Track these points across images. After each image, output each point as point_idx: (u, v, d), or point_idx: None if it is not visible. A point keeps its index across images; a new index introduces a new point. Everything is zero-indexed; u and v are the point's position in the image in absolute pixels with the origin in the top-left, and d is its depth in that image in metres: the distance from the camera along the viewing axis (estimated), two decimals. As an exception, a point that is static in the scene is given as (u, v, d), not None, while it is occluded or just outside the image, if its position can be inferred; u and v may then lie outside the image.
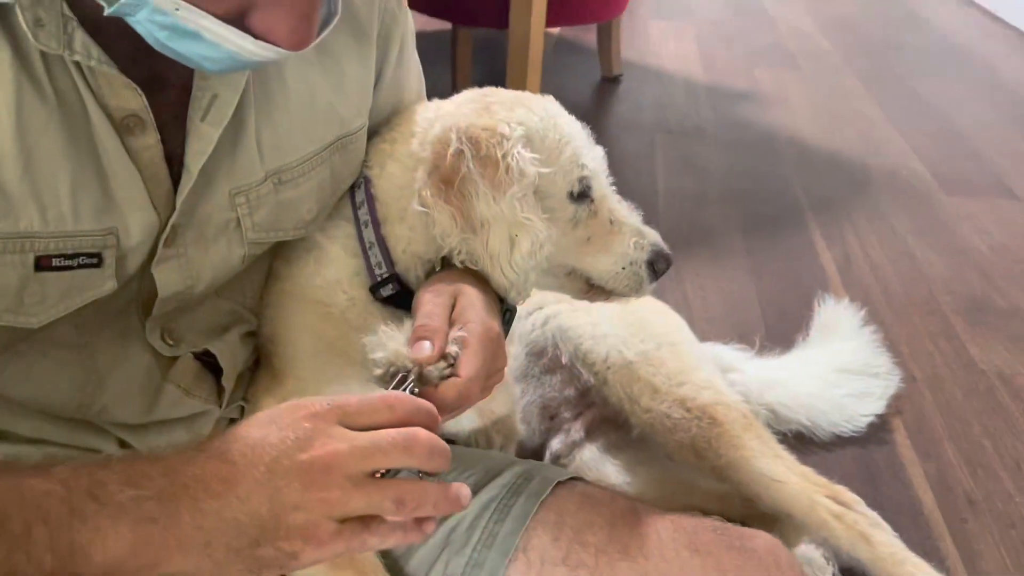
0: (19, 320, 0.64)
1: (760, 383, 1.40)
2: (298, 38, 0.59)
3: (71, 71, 0.62)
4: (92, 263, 0.66)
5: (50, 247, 0.63)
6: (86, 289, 0.66)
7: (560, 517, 0.84)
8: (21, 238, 0.61)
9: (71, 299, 0.66)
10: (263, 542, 0.54)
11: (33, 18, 0.58)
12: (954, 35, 3.97)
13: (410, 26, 0.91)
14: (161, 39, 0.57)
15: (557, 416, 1.24)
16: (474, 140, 0.79)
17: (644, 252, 0.86)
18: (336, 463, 0.54)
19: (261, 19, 0.57)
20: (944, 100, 3.10)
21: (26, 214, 0.61)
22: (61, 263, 0.64)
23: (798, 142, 2.68)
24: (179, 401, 0.78)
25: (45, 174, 0.61)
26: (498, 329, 0.76)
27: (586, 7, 2.83)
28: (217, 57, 0.58)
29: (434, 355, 0.69)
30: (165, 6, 0.54)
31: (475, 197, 0.78)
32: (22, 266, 0.62)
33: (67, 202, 0.63)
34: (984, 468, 1.39)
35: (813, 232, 2.13)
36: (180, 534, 0.53)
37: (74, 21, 0.60)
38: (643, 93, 3.04)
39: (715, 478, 1.14)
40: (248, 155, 0.73)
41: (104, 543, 0.52)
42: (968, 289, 1.91)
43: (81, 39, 0.60)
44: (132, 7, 0.55)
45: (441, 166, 0.79)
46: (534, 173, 0.80)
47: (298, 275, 0.85)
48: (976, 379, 1.61)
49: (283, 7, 0.57)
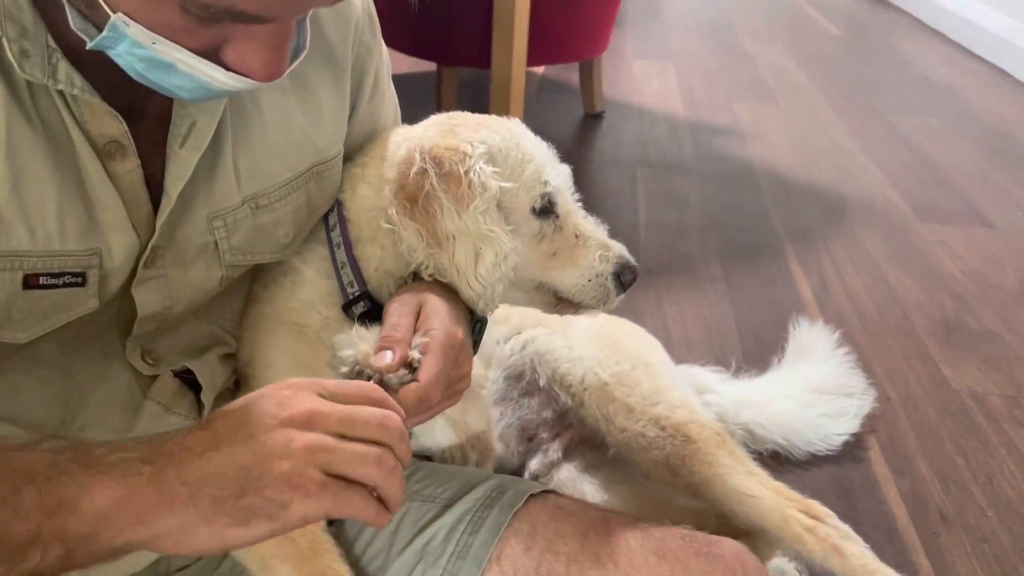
0: (7, 336, 0.67)
1: (736, 403, 1.43)
2: (269, 70, 0.61)
3: (55, 100, 0.65)
4: (76, 282, 0.68)
5: (38, 265, 0.66)
6: (70, 307, 0.69)
7: (533, 528, 0.86)
8: (11, 256, 0.64)
9: (55, 316, 0.69)
10: (248, 491, 0.55)
11: (19, 50, 0.62)
12: (930, 70, 4.06)
13: (385, 59, 0.95)
14: (139, 70, 0.60)
15: (535, 437, 1.26)
16: (437, 159, 0.82)
17: (610, 264, 0.88)
18: (317, 419, 0.57)
19: (235, 52, 0.60)
20: (920, 132, 3.17)
21: (16, 233, 0.64)
22: (47, 281, 0.67)
23: (776, 174, 2.74)
24: (159, 418, 0.81)
25: (33, 195, 0.64)
26: (461, 336, 0.79)
27: (568, 46, 2.90)
28: (191, 87, 0.61)
29: (394, 363, 0.71)
30: (143, 40, 0.57)
31: (439, 213, 0.80)
32: (11, 283, 0.65)
33: (54, 222, 0.66)
34: (957, 484, 1.42)
35: (790, 259, 2.18)
36: (164, 487, 0.54)
37: (58, 52, 0.63)
38: (625, 129, 3.10)
39: (690, 495, 1.16)
40: (226, 180, 0.76)
41: (91, 495, 0.54)
42: (942, 312, 1.95)
43: (65, 69, 0.64)
44: (112, 40, 0.58)
45: (406, 184, 0.82)
46: (496, 187, 0.83)
47: (275, 298, 0.88)
48: (949, 398, 1.64)
49: (255, 41, 0.59)
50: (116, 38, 0.57)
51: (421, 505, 0.90)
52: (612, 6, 2.94)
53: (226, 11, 0.54)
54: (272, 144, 0.80)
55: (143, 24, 0.56)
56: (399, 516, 0.89)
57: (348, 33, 0.86)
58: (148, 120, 0.71)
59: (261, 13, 0.55)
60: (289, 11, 0.58)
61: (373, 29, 0.91)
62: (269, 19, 0.57)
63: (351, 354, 0.72)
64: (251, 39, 0.59)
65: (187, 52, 0.58)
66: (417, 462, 0.97)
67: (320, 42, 0.83)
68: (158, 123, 0.71)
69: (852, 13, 5.38)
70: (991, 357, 1.78)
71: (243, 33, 0.59)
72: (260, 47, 0.60)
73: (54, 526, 0.53)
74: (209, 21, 0.56)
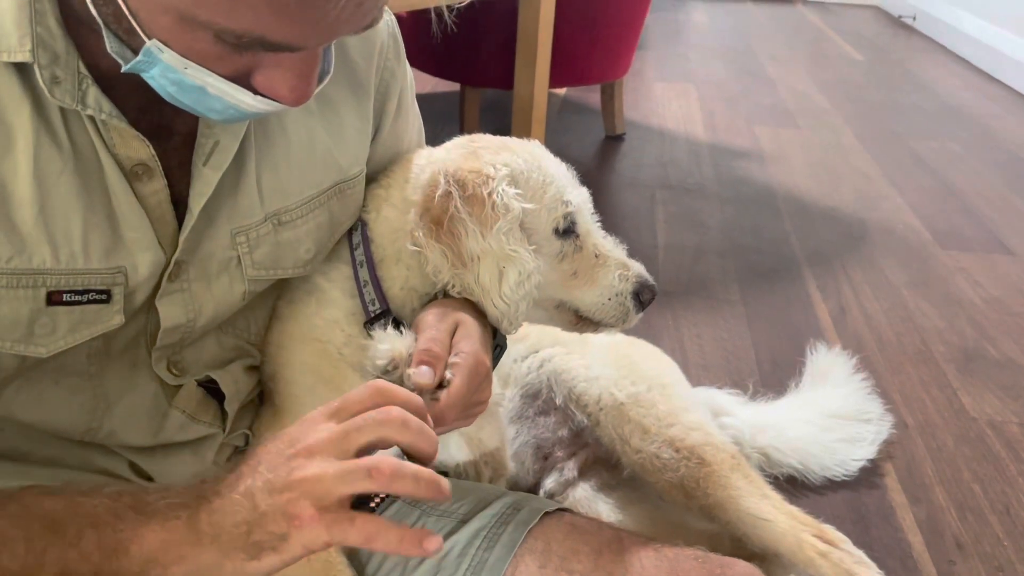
0: (28, 350, 0.69)
1: (752, 427, 1.43)
2: (297, 95, 0.63)
3: (85, 123, 0.68)
4: (101, 299, 0.71)
5: (61, 283, 0.68)
6: (95, 323, 0.71)
7: (547, 545, 0.87)
8: (34, 274, 0.67)
9: (80, 332, 0.71)
10: (255, 528, 0.59)
11: (50, 76, 0.64)
12: (953, 96, 4.06)
13: (409, 80, 0.97)
14: (171, 92, 0.62)
15: (551, 456, 1.27)
16: (461, 182, 0.84)
17: (629, 283, 0.90)
18: (318, 448, 0.59)
19: (264, 78, 0.62)
20: (941, 158, 3.17)
21: (39, 252, 0.66)
22: (71, 298, 0.69)
23: (796, 198, 2.74)
24: (184, 426, 0.83)
25: (59, 216, 0.67)
26: (488, 365, 0.80)
27: (590, 69, 2.93)
28: (220, 108, 0.63)
29: (433, 383, 0.73)
30: (175, 65, 0.59)
31: (464, 234, 0.82)
32: (34, 300, 0.67)
33: (79, 242, 0.68)
34: (973, 512, 1.41)
35: (809, 284, 2.18)
36: (197, 529, 0.60)
37: (88, 79, 0.66)
38: (645, 151, 3.12)
39: (704, 517, 1.16)
40: (249, 197, 0.78)
41: (141, 539, 0.60)
42: (961, 339, 1.94)
43: (94, 95, 0.66)
44: (147, 64, 0.60)
45: (431, 207, 0.84)
46: (519, 208, 0.84)
47: (299, 315, 0.90)
48: (967, 426, 1.63)
49: (283, 68, 0.61)
50: (150, 62, 0.59)
51: (437, 520, 0.91)
52: (634, 29, 2.97)
53: (258, 41, 0.56)
54: (295, 162, 0.82)
55: (177, 51, 0.58)
56: (416, 529, 0.90)
57: (372, 56, 0.89)
58: (175, 140, 0.73)
59: (291, 43, 0.57)
60: (318, 42, 0.60)
61: (398, 52, 0.93)
62: (299, 48, 0.59)
63: (388, 348, 0.73)
64: (280, 66, 0.61)
65: (217, 77, 0.60)
66: (433, 477, 0.98)
67: (345, 64, 0.86)
68: (184, 143, 0.74)
69: (874, 38, 5.39)
70: (1010, 385, 1.77)
71: (272, 60, 0.61)
72: (288, 74, 0.62)
73: (111, 567, 0.60)
74: (240, 49, 0.58)
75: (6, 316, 0.67)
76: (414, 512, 0.92)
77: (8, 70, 0.64)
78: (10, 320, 0.67)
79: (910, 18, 5.78)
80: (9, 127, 0.64)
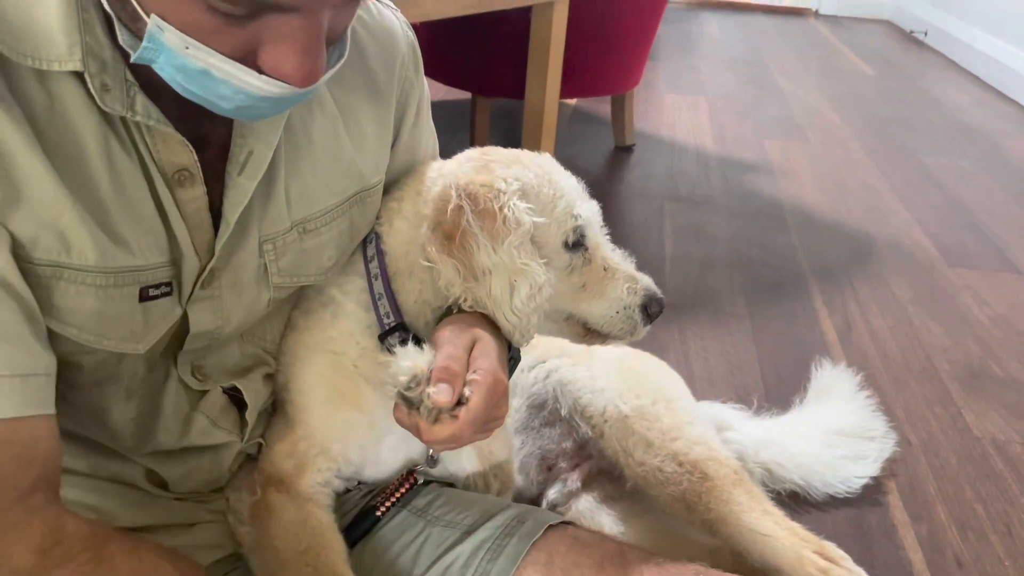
0: (128, 346, 0.72)
1: (756, 442, 1.43)
2: (303, 73, 0.62)
3: (132, 130, 0.69)
4: (168, 292, 0.74)
5: (148, 278, 0.71)
6: (168, 315, 0.74)
7: (551, 558, 0.89)
8: (134, 271, 0.70)
9: (160, 326, 0.74)
10: None
11: (100, 84, 0.65)
12: (963, 113, 4.06)
13: (426, 92, 0.98)
14: (179, 81, 0.63)
15: (555, 467, 1.28)
16: (473, 196, 0.85)
17: (637, 297, 0.91)
18: None
19: (268, 56, 0.61)
20: (950, 175, 3.17)
21: (134, 250, 0.69)
22: (154, 293, 0.72)
23: (804, 211, 2.75)
24: (207, 431, 0.85)
25: (133, 216, 0.69)
26: (506, 382, 0.81)
27: (601, 80, 2.95)
28: (229, 94, 0.63)
29: (452, 401, 0.73)
30: (176, 46, 0.59)
31: (476, 248, 0.83)
32: (132, 297, 0.70)
33: (150, 238, 0.71)
34: (975, 532, 1.42)
35: (815, 298, 2.18)
36: None
37: (135, 85, 0.67)
38: (654, 162, 3.13)
39: (706, 532, 1.17)
40: (278, 206, 0.80)
41: None
42: (966, 358, 1.95)
43: (142, 101, 0.67)
44: (153, 52, 0.60)
45: (443, 221, 0.85)
46: (529, 222, 0.85)
47: (314, 327, 0.91)
48: (971, 445, 1.64)
49: (286, 43, 0.60)
50: (156, 49, 0.60)
51: (442, 530, 0.92)
52: (646, 42, 2.98)
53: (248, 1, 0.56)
54: (321, 170, 0.83)
55: (175, 25, 0.58)
56: (420, 541, 0.91)
57: (393, 67, 0.90)
58: (210, 150, 0.75)
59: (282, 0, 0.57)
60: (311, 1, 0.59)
61: (416, 64, 0.95)
62: (291, 7, 0.58)
63: (410, 365, 0.74)
64: (282, 40, 0.60)
65: (220, 57, 0.60)
66: (439, 488, 1.00)
67: (365, 74, 0.87)
68: (219, 153, 0.75)
69: (886, 53, 5.39)
70: (1014, 405, 1.78)
71: (274, 34, 0.60)
72: (292, 49, 0.61)
73: None
74: (236, 20, 0.57)
75: (111, 315, 0.69)
76: (420, 522, 0.94)
77: (67, 79, 0.65)
78: (114, 318, 0.69)
79: (922, 33, 5.78)
80: (79, 135, 0.66)
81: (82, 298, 0.67)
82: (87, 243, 0.66)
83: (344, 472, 0.94)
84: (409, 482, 0.97)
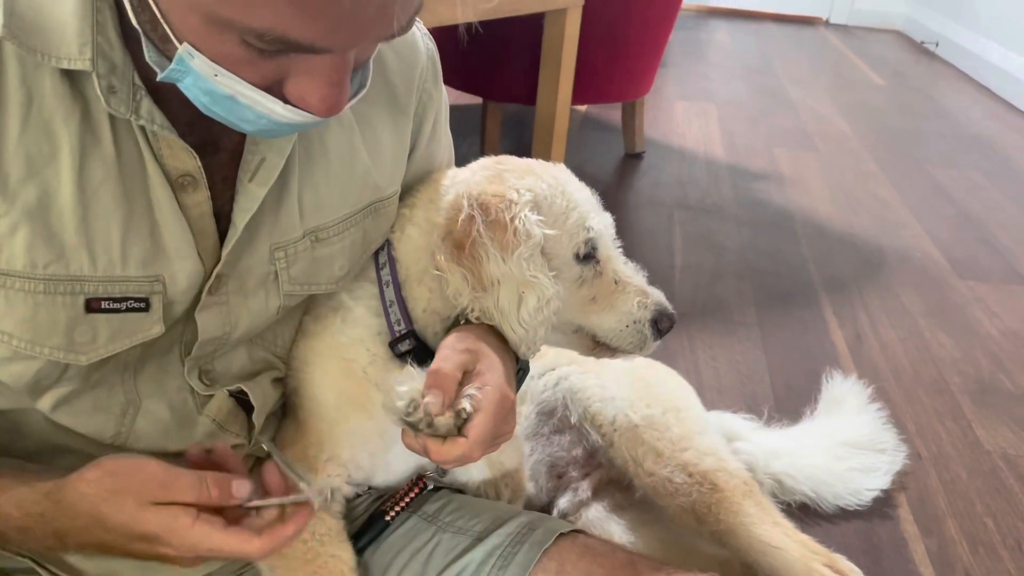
0: (69, 357, 0.70)
1: (766, 453, 1.43)
2: (328, 105, 0.63)
3: (135, 133, 0.69)
4: (140, 307, 0.72)
5: (99, 290, 0.70)
6: (135, 332, 0.73)
7: (561, 566, 0.88)
8: (71, 280, 0.68)
9: (120, 340, 0.72)
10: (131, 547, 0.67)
11: (107, 85, 0.66)
12: (975, 125, 4.05)
13: (444, 103, 0.98)
14: (204, 102, 0.63)
15: (565, 475, 1.28)
16: (484, 206, 0.85)
17: (648, 311, 0.90)
18: None
19: (294, 87, 0.62)
20: (961, 187, 3.16)
21: (77, 259, 0.68)
22: (109, 305, 0.71)
23: (814, 222, 2.74)
24: (213, 435, 0.84)
25: (99, 224, 0.68)
26: (513, 397, 0.80)
27: (612, 87, 2.95)
28: (252, 118, 0.64)
29: (442, 408, 0.73)
30: (206, 72, 0.60)
31: (485, 259, 0.83)
32: (73, 307, 0.69)
33: (117, 250, 0.69)
34: (985, 547, 1.41)
35: (825, 309, 2.18)
36: None
37: (142, 90, 0.67)
38: (664, 170, 3.13)
39: (715, 543, 1.17)
40: (290, 214, 0.79)
41: None
42: (977, 371, 1.94)
43: (147, 106, 0.68)
44: (180, 73, 0.61)
45: (454, 231, 0.84)
46: (540, 234, 0.85)
47: (324, 333, 0.91)
48: (981, 459, 1.63)
49: (313, 76, 0.61)
50: (183, 71, 0.60)
51: (453, 537, 0.92)
52: (658, 49, 2.98)
53: (280, 40, 0.56)
54: (335, 180, 0.83)
55: (207, 55, 0.59)
56: (431, 547, 0.91)
57: (412, 79, 0.90)
58: (221, 155, 0.75)
59: (313, 43, 0.57)
60: (341, 43, 0.59)
61: (436, 76, 0.95)
62: (323, 50, 0.58)
63: (407, 390, 0.74)
64: (310, 73, 0.61)
65: (247, 85, 0.61)
66: (450, 494, 0.99)
67: (385, 86, 0.87)
68: (231, 159, 0.75)
69: (897, 63, 5.38)
70: (1025, 419, 1.77)
71: (302, 67, 0.61)
72: (318, 82, 0.61)
73: None
74: (267, 54, 0.58)
75: (44, 322, 0.68)
76: (430, 528, 0.93)
77: (61, 78, 0.65)
78: (48, 326, 0.68)
79: (933, 44, 5.77)
80: (55, 136, 0.66)
81: (11, 304, 0.67)
82: (19, 248, 0.66)
83: (354, 478, 0.94)
84: (419, 487, 0.97)
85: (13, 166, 0.65)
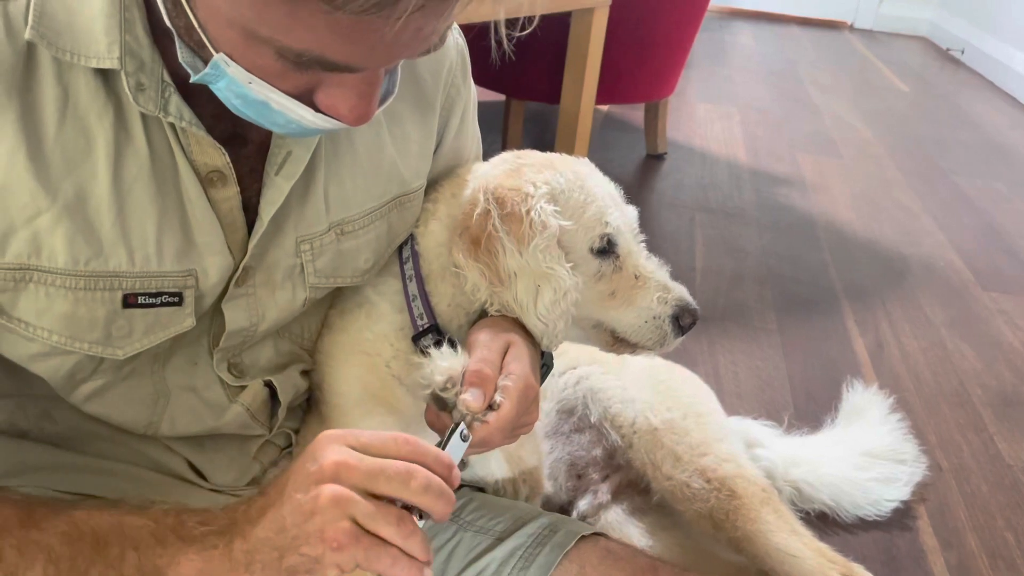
0: (106, 351, 0.71)
1: (786, 460, 1.42)
2: (357, 114, 0.64)
3: (165, 130, 0.70)
4: (173, 301, 0.73)
5: (136, 286, 0.70)
6: (169, 325, 0.73)
7: (582, 569, 0.88)
8: (110, 276, 0.69)
9: (155, 334, 0.73)
10: (287, 551, 0.59)
11: (136, 83, 0.66)
12: (1000, 134, 4.01)
13: (472, 98, 0.98)
14: (236, 104, 0.64)
15: (584, 475, 1.28)
16: (500, 199, 0.84)
17: (668, 307, 0.88)
18: (342, 472, 0.59)
19: (325, 96, 0.63)
20: (985, 197, 3.13)
21: (115, 255, 0.68)
22: (145, 300, 0.71)
23: (837, 228, 2.72)
24: (245, 424, 0.85)
25: (134, 220, 0.69)
26: (537, 388, 0.80)
27: (636, 88, 2.94)
28: (282, 123, 0.65)
29: (483, 406, 0.73)
30: (240, 79, 0.60)
31: (501, 252, 0.83)
32: (111, 302, 0.69)
33: (153, 245, 0.70)
34: (1005, 561, 1.39)
35: (847, 317, 2.16)
36: (232, 557, 0.61)
37: (171, 87, 0.67)
38: (686, 172, 3.12)
39: (732, 550, 1.16)
40: (315, 207, 0.80)
41: (178, 567, 0.61)
42: (999, 383, 1.92)
43: (176, 103, 0.68)
44: (214, 77, 0.61)
45: (470, 226, 0.84)
46: (555, 225, 0.84)
47: (350, 327, 0.91)
48: (1002, 473, 1.61)
49: (344, 88, 0.62)
50: (217, 75, 0.61)
51: (474, 536, 0.92)
52: (683, 51, 2.97)
53: (317, 61, 0.57)
54: (361, 173, 0.83)
55: (242, 65, 0.59)
56: (452, 545, 0.91)
57: (440, 74, 0.90)
58: (248, 148, 0.75)
59: (350, 64, 0.58)
60: (376, 63, 0.60)
61: (464, 71, 0.95)
62: (357, 70, 0.59)
63: (448, 366, 0.74)
64: (341, 85, 0.62)
65: (280, 93, 0.61)
66: (471, 492, 0.99)
67: (413, 80, 0.87)
68: (258, 151, 0.76)
69: (922, 70, 5.34)
70: (1048, 434, 1.75)
71: (334, 80, 0.61)
72: (349, 93, 0.62)
73: None
74: (302, 67, 0.58)
75: (84, 318, 0.69)
76: (452, 526, 0.93)
77: (94, 77, 0.66)
78: (88, 322, 0.69)
79: (959, 51, 5.72)
80: (90, 133, 0.66)
81: (52, 300, 0.67)
82: (60, 244, 0.66)
83: (376, 472, 0.94)
84: None
85: (52, 162, 0.65)
